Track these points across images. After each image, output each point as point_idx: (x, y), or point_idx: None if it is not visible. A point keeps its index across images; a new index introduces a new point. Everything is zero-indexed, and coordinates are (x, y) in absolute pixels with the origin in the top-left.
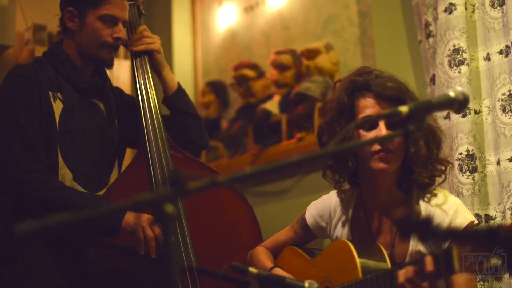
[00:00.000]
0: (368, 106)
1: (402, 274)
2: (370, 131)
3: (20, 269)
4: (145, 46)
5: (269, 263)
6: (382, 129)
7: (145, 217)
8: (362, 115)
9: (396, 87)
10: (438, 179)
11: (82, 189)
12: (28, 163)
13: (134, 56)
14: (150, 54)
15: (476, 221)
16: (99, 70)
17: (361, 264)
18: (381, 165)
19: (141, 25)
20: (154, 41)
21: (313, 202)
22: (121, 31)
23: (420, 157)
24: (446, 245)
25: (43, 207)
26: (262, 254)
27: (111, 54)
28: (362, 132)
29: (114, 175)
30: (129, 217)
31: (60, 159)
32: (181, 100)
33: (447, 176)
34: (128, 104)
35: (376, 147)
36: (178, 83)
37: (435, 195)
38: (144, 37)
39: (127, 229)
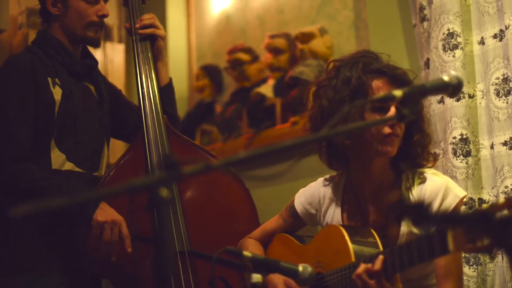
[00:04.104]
0: (381, 88)
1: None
2: (380, 114)
3: (17, 251)
4: (153, 30)
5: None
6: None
7: (113, 217)
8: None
9: (405, 72)
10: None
11: (78, 169)
12: (13, 153)
13: (137, 41)
14: (153, 40)
15: (467, 196)
16: (87, 53)
17: (353, 248)
18: (389, 148)
19: (144, 12)
20: (161, 28)
21: (301, 190)
22: (104, 8)
23: (421, 142)
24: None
25: (23, 196)
26: (251, 246)
27: (98, 33)
28: (369, 114)
29: (104, 156)
30: (100, 213)
31: (53, 143)
32: (167, 96)
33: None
34: (113, 92)
35: (387, 130)
36: (170, 79)
37: (425, 175)
38: (154, 22)
39: (93, 225)
